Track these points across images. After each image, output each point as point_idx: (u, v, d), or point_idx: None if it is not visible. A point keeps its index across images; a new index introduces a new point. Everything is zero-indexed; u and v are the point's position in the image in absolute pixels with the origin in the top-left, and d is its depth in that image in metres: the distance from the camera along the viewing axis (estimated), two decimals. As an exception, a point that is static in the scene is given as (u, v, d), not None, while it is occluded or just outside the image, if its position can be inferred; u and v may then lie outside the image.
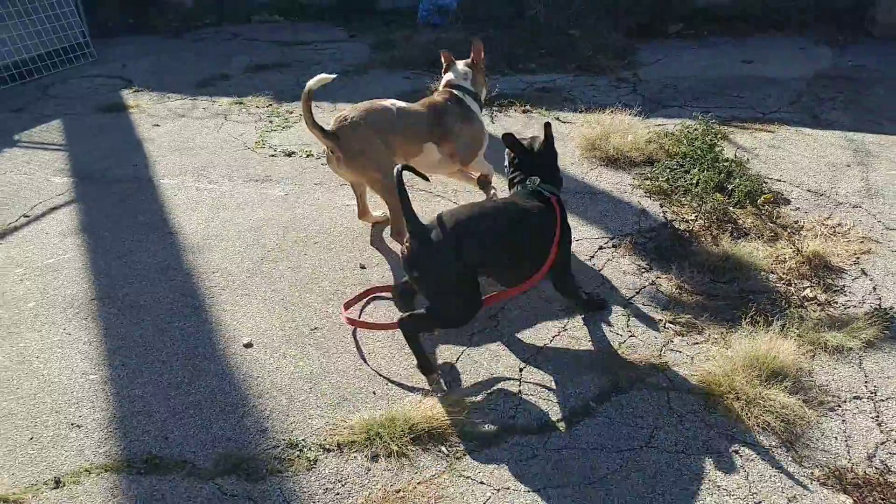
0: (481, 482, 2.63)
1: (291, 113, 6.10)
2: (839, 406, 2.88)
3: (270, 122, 5.95)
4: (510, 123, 5.60)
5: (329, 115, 5.99)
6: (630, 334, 3.32)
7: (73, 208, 4.75)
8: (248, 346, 3.37)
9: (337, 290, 3.74)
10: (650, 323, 3.39)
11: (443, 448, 2.78)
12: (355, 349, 3.30)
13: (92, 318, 3.64)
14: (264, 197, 4.73)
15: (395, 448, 2.75)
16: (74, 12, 8.11)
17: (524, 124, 5.58)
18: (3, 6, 7.47)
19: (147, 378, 3.21)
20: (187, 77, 7.11)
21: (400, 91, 6.44)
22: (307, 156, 5.28)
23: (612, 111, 5.41)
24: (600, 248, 3.96)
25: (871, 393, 2.93)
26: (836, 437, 2.74)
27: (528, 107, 5.85)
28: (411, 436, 2.80)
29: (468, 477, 2.66)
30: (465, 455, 2.75)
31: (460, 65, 4.17)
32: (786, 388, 2.89)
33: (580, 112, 5.65)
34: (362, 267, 3.93)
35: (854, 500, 2.48)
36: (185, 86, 6.86)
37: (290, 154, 5.33)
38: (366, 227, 4.29)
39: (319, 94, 6.12)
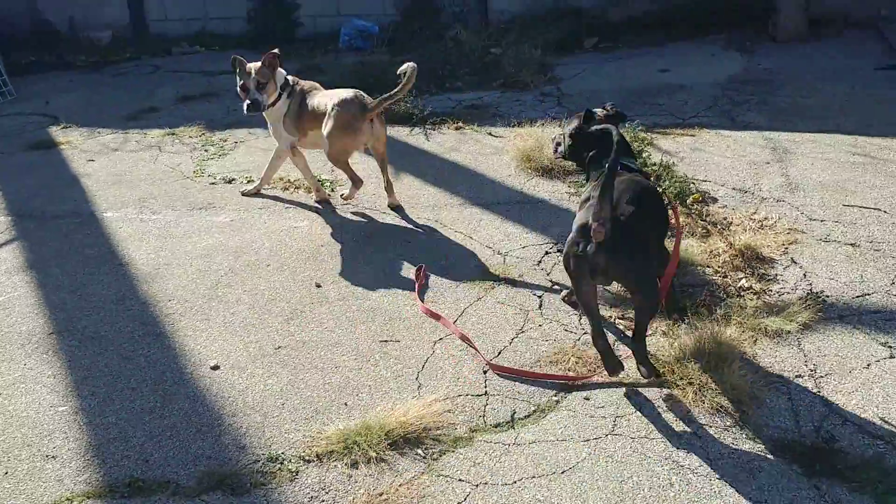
0: (460, 479, 2.76)
1: (226, 141, 6.14)
2: (784, 385, 3.11)
3: (206, 150, 5.99)
4: (444, 140, 5.79)
5: (262, 140, 6.07)
6: (584, 331, 3.51)
7: (16, 246, 4.70)
8: (216, 368, 3.43)
9: (295, 309, 3.83)
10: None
11: (419, 451, 2.90)
12: (321, 365, 3.39)
13: (53, 352, 3.63)
14: (210, 224, 4.77)
15: (374, 454, 2.86)
16: (-11, 50, 7.98)
17: (458, 140, 5.77)
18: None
19: (119, 405, 3.24)
20: (115, 111, 7.07)
21: (333, 114, 6.55)
22: (248, 181, 5.34)
23: (542, 124, 5.65)
24: (546, 252, 4.17)
25: (812, 371, 3.18)
26: (784, 414, 2.97)
27: (460, 123, 6.05)
28: (388, 441, 2.90)
29: (447, 476, 2.78)
30: (441, 455, 2.88)
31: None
32: (734, 371, 3.11)
33: (511, 126, 5.87)
34: (318, 286, 4.02)
35: (804, 468, 2.70)
36: (114, 120, 6.82)
37: (230, 181, 5.38)
38: (317, 247, 4.38)
39: (252, 120, 6.22)
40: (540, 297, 3.77)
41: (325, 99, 4.56)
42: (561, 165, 5.08)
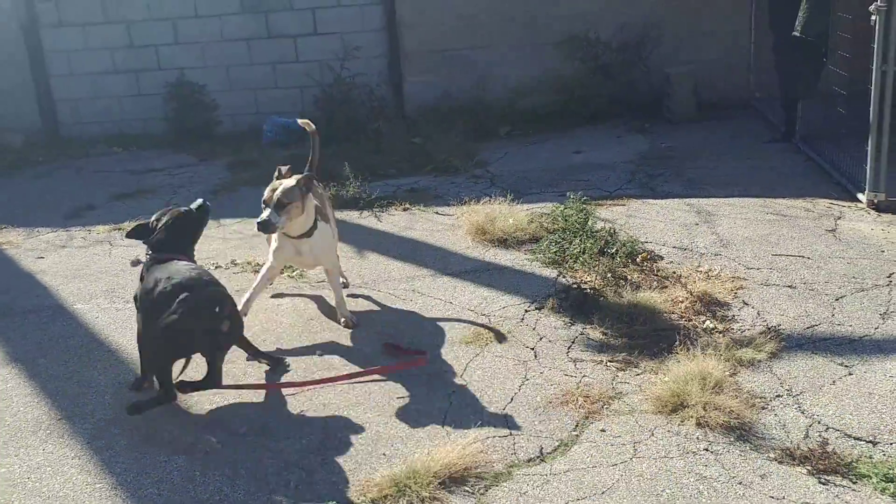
0: (512, 508, 3.01)
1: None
2: (768, 404, 3.56)
3: (160, 242, 6.05)
4: (395, 220, 6.14)
5: (216, 230, 6.22)
6: (582, 375, 3.86)
7: (-5, 341, 4.64)
8: (245, 433, 3.54)
9: (305, 376, 4.00)
10: (594, 364, 3.95)
11: (466, 488, 3.13)
12: (347, 424, 3.58)
13: (69, 436, 3.64)
14: (191, 308, 4.86)
15: (427, 494, 3.06)
16: None
17: (409, 220, 6.14)
18: None
19: (156, 478, 3.30)
20: (49, 211, 7.00)
21: (277, 203, 6.78)
22: (215, 268, 5.47)
23: (484, 202, 6.08)
24: (526, 311, 4.53)
25: (788, 391, 3.64)
26: (775, 427, 3.39)
27: (406, 205, 6.42)
28: (437, 482, 3.12)
29: (498, 506, 3.02)
30: (487, 490, 3.12)
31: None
32: (727, 394, 3.54)
33: (454, 205, 6.28)
34: (320, 354, 4.21)
35: (808, 469, 3.11)
36: (51, 219, 6.76)
37: (196, 268, 5.48)
38: (306, 321, 4.57)
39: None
40: (533, 349, 4.11)
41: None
42: (514, 236, 5.51)
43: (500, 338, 4.25)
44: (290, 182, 4.28)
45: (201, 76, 9.24)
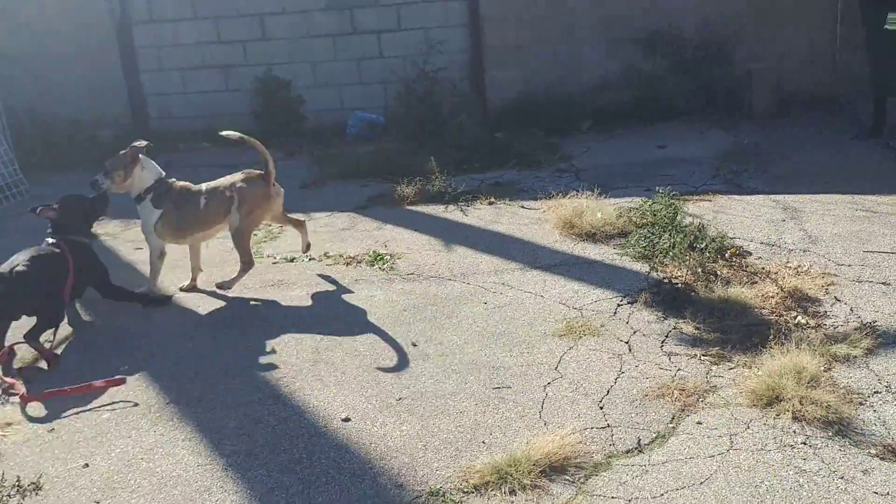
0: (613, 497, 3.05)
1: (270, 226, 6.41)
2: (865, 400, 3.51)
3: (254, 235, 6.23)
4: (481, 214, 6.21)
5: (308, 224, 6.39)
6: (677, 368, 3.87)
7: (104, 330, 4.87)
8: (347, 420, 3.67)
9: (401, 365, 4.10)
10: (688, 358, 3.95)
11: (566, 477, 3.18)
12: (446, 411, 3.66)
13: (178, 419, 3.81)
14: (288, 298, 5.03)
15: (528, 482, 3.13)
16: (8, 150, 8.19)
17: (495, 214, 6.20)
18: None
19: (264, 460, 3.44)
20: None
21: (364, 197, 6.96)
22: (309, 260, 5.63)
23: (570, 196, 6.11)
24: (619, 305, 4.55)
25: (887, 387, 3.59)
26: (875, 423, 3.35)
27: (492, 199, 6.48)
28: (538, 470, 3.18)
29: (600, 495, 3.06)
30: (587, 479, 3.16)
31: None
32: (823, 389, 3.50)
33: (540, 199, 6.32)
34: (414, 345, 4.31)
35: (912, 465, 3.07)
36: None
37: (291, 260, 5.66)
38: (398, 312, 4.68)
39: (291, 205, 6.55)
40: (627, 342, 4.14)
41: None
42: (602, 231, 5.52)
43: (593, 333, 4.27)
44: (122, 152, 5.08)
45: (288, 72, 9.47)
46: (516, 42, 8.97)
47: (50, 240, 4.85)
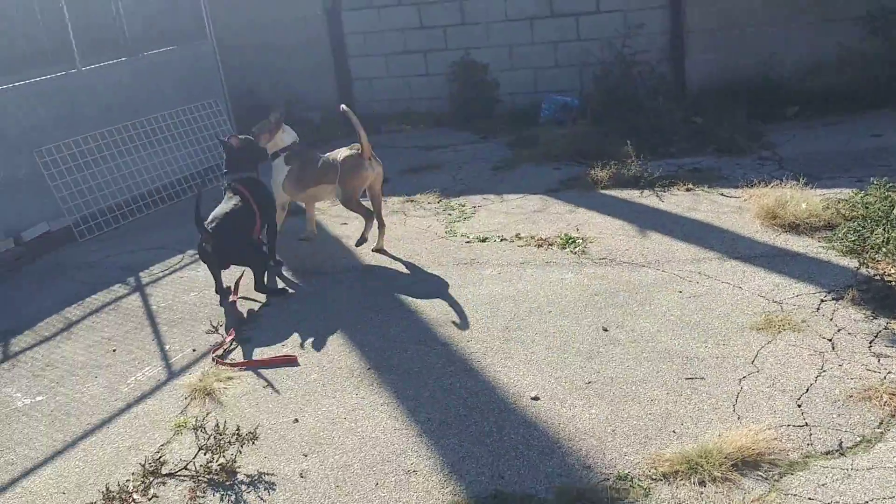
0: (810, 498, 2.92)
1: (464, 206, 6.60)
2: None
3: (449, 214, 6.46)
4: (678, 201, 6.06)
5: (499, 204, 6.52)
6: (887, 371, 3.62)
7: (308, 296, 5.24)
8: (536, 399, 3.74)
9: (591, 349, 4.11)
10: (901, 361, 3.69)
11: (759, 473, 3.08)
12: (636, 398, 3.65)
13: (377, 385, 4.05)
14: (481, 276, 5.17)
15: (719, 474, 3.06)
16: (230, 130, 8.91)
17: (693, 201, 6.02)
18: (170, 130, 8.25)
19: (456, 430, 3.58)
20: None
21: (556, 180, 6.97)
22: (501, 240, 5.74)
23: (773, 185, 5.82)
24: (822, 300, 4.31)
25: None
26: None
27: (689, 185, 6.30)
28: (730, 463, 3.10)
29: (795, 495, 2.95)
30: (781, 478, 3.05)
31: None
32: None
33: (740, 187, 6.07)
34: (605, 330, 4.30)
35: None
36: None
37: (483, 240, 5.80)
38: (590, 296, 4.68)
39: (484, 187, 6.68)
40: (830, 340, 3.92)
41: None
42: (807, 222, 5.23)
43: (793, 328, 4.08)
44: (269, 118, 5.92)
45: (485, 56, 9.62)
46: (719, 24, 8.60)
47: (230, 183, 5.46)
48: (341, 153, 5.76)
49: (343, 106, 5.96)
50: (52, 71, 7.55)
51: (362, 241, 5.67)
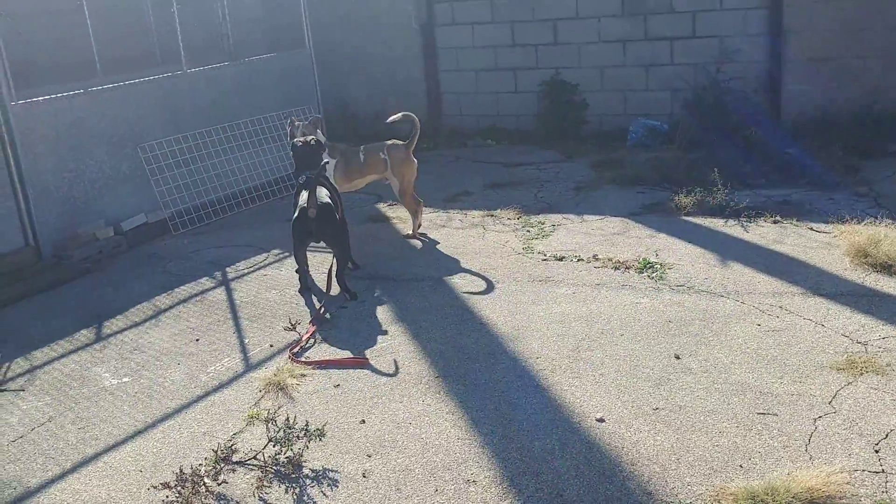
0: (881, 547, 2.82)
1: (543, 224, 6.62)
2: None
3: (527, 231, 6.48)
4: (763, 232, 5.93)
5: (578, 224, 6.51)
6: (976, 423, 3.47)
7: (386, 302, 5.33)
8: (601, 420, 3.72)
9: (661, 376, 4.06)
10: None
11: (828, 516, 2.99)
12: (704, 428, 3.59)
13: (444, 393, 4.09)
14: (554, 295, 5.17)
15: (784, 513, 2.99)
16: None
17: (779, 233, 5.89)
18: (264, 133, 8.53)
19: (519, 444, 3.59)
20: (432, 193, 7.78)
21: (638, 203, 6.91)
22: (577, 260, 5.73)
23: (867, 223, 5.64)
24: (914, 345, 4.15)
25: None
26: None
27: (777, 217, 6.16)
28: (797, 503, 3.02)
29: (865, 542, 2.85)
30: (852, 523, 2.95)
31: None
32: None
33: (831, 223, 5.90)
34: (677, 357, 4.25)
35: None
36: (433, 200, 7.50)
37: (560, 259, 5.80)
38: (664, 322, 4.63)
39: (564, 207, 6.68)
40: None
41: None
42: (902, 263, 5.05)
43: (877, 371, 3.94)
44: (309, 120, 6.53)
45: (575, 76, 9.62)
46: (821, 54, 8.38)
47: (313, 176, 5.61)
48: (385, 144, 6.51)
49: (392, 118, 6.66)
50: (161, 71, 7.93)
51: (412, 233, 6.52)
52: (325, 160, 6.07)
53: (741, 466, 3.31)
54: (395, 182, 6.48)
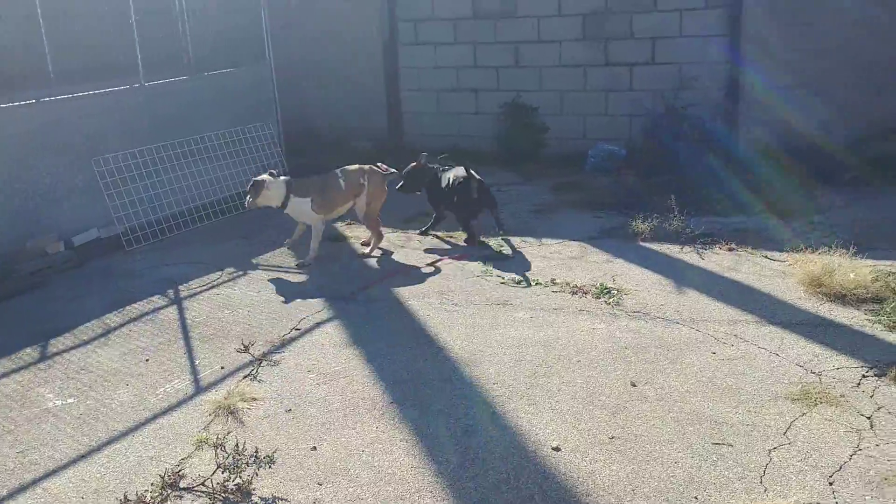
0: (833, 582, 2.82)
1: (502, 246, 6.60)
2: None
3: (486, 253, 6.45)
4: (719, 259, 5.98)
5: (537, 248, 6.50)
6: (927, 455, 3.50)
7: (338, 323, 5.24)
8: (557, 449, 3.68)
9: (617, 404, 4.04)
10: (941, 446, 3.56)
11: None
12: (660, 458, 3.57)
13: (398, 419, 4.02)
14: (512, 319, 5.14)
15: (739, 547, 2.97)
16: (280, 153, 9.05)
17: (734, 261, 5.94)
18: (221, 149, 8.41)
19: (474, 472, 3.54)
20: (391, 213, 7.72)
21: (596, 228, 6.93)
22: (536, 284, 5.71)
23: (821, 251, 5.71)
24: (864, 376, 4.19)
25: None
26: None
27: (732, 245, 6.22)
28: (751, 536, 3.01)
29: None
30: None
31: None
32: None
33: (786, 251, 5.96)
34: (633, 385, 4.23)
35: None
36: (393, 220, 7.45)
37: (518, 282, 5.77)
38: (620, 348, 4.62)
39: (523, 229, 6.67)
40: (869, 418, 3.80)
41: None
42: (853, 293, 5.11)
43: (831, 402, 3.96)
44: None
45: (535, 99, 9.67)
46: (777, 84, 8.53)
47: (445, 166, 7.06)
48: (364, 169, 6.68)
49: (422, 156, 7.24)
50: (119, 84, 7.78)
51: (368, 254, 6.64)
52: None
53: (696, 498, 3.30)
54: (363, 206, 6.55)
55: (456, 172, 6.83)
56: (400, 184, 7.04)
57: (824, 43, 8.29)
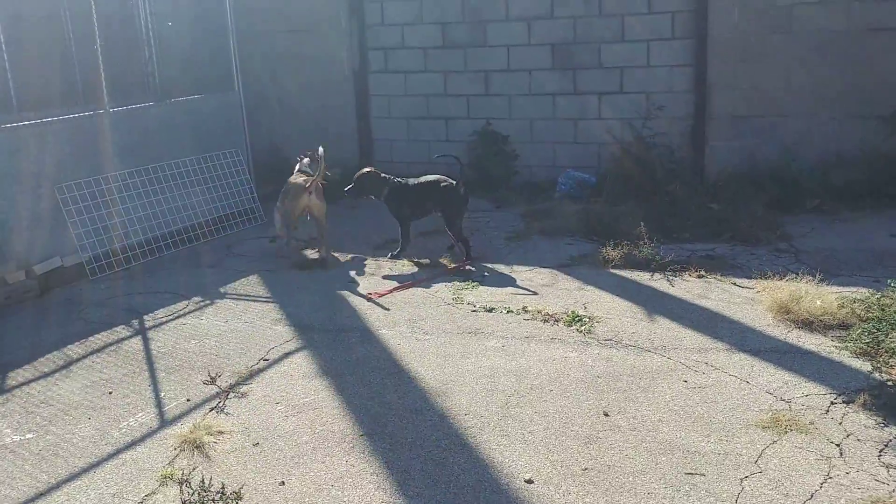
0: None
1: (471, 273, 6.57)
2: None
3: (457, 281, 6.42)
4: (689, 287, 6.00)
5: (508, 275, 6.49)
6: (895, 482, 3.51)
7: (307, 353, 5.17)
8: (530, 482, 3.64)
9: (590, 434, 4.01)
10: (911, 473, 3.57)
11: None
12: (633, 489, 3.53)
13: (369, 453, 3.95)
14: (483, 348, 5.10)
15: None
16: (248, 180, 8.97)
17: (703, 288, 5.96)
18: (189, 176, 8.32)
19: (446, 506, 3.48)
20: (361, 240, 7.70)
21: (567, 255, 6.94)
22: (507, 312, 5.69)
23: (788, 279, 5.75)
24: (832, 402, 4.20)
25: None
26: None
27: (702, 272, 6.25)
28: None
29: None
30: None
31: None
32: None
33: (754, 279, 6.01)
34: (606, 414, 4.21)
35: None
36: (363, 247, 7.42)
37: (490, 310, 5.74)
38: (593, 377, 4.60)
39: (494, 257, 6.66)
40: (839, 445, 3.81)
41: None
42: (820, 320, 5.15)
43: (801, 430, 3.96)
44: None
45: (506, 127, 9.70)
46: (743, 112, 8.66)
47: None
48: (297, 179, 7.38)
49: (321, 149, 7.47)
50: (83, 110, 7.67)
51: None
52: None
53: (670, 530, 3.26)
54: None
55: (428, 178, 7.29)
56: (349, 186, 7.34)
57: (789, 72, 8.44)
